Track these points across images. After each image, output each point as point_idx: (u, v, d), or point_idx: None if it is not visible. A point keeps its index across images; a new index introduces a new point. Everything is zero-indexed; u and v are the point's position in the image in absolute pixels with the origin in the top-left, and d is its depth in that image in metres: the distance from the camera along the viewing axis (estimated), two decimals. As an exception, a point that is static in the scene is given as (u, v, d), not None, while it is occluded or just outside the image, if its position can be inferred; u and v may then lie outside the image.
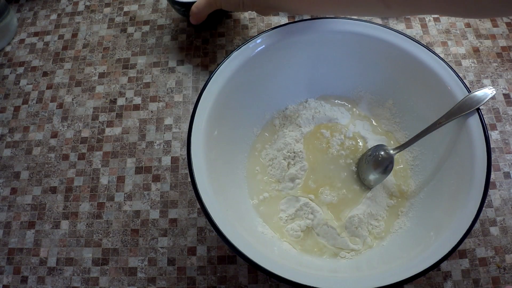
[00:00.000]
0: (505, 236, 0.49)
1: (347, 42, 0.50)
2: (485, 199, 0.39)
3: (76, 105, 0.61)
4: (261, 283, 0.48)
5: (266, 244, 0.45)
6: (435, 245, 0.38)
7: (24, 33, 0.68)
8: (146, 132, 0.58)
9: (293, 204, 0.49)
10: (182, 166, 0.55)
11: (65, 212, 0.54)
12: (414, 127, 0.51)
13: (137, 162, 0.56)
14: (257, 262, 0.37)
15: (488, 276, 0.47)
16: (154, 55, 0.64)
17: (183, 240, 0.51)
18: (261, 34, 0.49)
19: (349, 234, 0.47)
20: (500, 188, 0.52)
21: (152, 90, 0.61)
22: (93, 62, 0.64)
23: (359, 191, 0.49)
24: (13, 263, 0.51)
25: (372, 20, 0.50)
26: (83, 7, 0.70)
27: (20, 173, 0.57)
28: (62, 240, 0.52)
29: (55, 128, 0.59)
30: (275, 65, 0.51)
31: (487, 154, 0.41)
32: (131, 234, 0.52)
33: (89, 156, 0.57)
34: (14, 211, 0.54)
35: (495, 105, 0.57)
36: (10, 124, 0.60)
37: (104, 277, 0.50)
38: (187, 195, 0.53)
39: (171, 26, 0.66)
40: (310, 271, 0.40)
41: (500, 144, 0.55)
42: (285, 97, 0.55)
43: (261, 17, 0.66)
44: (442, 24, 0.64)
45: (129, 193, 0.54)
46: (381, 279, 0.36)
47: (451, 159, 0.45)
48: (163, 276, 0.49)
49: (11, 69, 0.65)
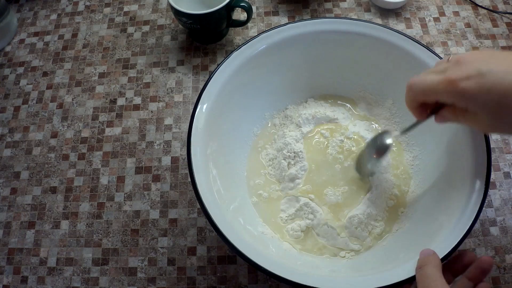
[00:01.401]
0: (505, 236, 0.49)
1: (347, 42, 0.50)
2: (485, 199, 0.39)
3: (76, 105, 0.61)
4: (261, 283, 0.48)
5: (266, 244, 0.45)
6: (435, 245, 0.37)
7: (24, 33, 0.68)
8: (146, 132, 0.58)
9: (293, 204, 0.49)
10: (182, 166, 0.55)
11: (65, 212, 0.54)
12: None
13: (137, 162, 0.56)
14: (257, 262, 0.37)
15: (488, 276, 0.47)
16: (154, 55, 0.64)
17: (183, 240, 0.51)
18: (261, 34, 0.49)
19: (349, 234, 0.47)
20: (500, 188, 0.52)
21: (152, 90, 0.61)
22: (93, 62, 0.64)
23: (359, 191, 0.49)
24: (13, 263, 0.51)
25: (372, 20, 0.50)
26: (83, 7, 0.70)
27: (20, 173, 0.57)
28: (62, 240, 0.52)
29: (55, 128, 0.59)
30: (275, 65, 0.51)
31: (487, 154, 0.41)
32: (131, 234, 0.52)
33: (89, 156, 0.57)
34: (14, 211, 0.54)
35: (495, 105, 0.57)
36: (10, 124, 0.60)
37: (104, 277, 0.50)
38: (187, 195, 0.53)
39: (171, 26, 0.66)
40: (310, 271, 0.40)
41: (500, 144, 0.55)
42: (285, 97, 0.55)
43: (261, 17, 0.66)
44: (442, 24, 0.64)
45: (129, 193, 0.54)
46: (381, 279, 0.36)
47: (451, 159, 0.45)
48: (163, 276, 0.49)
49: (11, 69, 0.65)
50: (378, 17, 0.65)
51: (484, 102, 0.32)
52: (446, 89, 0.34)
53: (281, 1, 0.67)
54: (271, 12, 0.66)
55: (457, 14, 0.65)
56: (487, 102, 0.32)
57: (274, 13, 0.66)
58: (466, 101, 0.33)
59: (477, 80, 0.32)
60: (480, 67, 0.32)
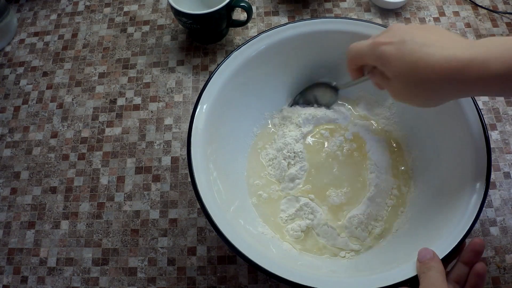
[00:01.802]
0: (505, 236, 0.49)
1: (347, 41, 0.50)
2: (485, 199, 0.39)
3: (76, 105, 0.61)
4: (261, 283, 0.48)
5: (266, 244, 0.45)
6: (435, 245, 0.37)
7: (24, 33, 0.68)
8: (146, 132, 0.58)
9: (293, 204, 0.49)
10: (182, 166, 0.55)
11: (65, 212, 0.54)
12: (413, 126, 0.51)
13: (137, 162, 0.56)
14: (257, 262, 0.37)
15: (488, 276, 0.47)
16: (154, 55, 0.64)
17: (183, 240, 0.51)
18: (261, 34, 0.49)
19: (349, 234, 0.47)
20: (500, 188, 0.52)
21: (152, 90, 0.61)
22: (93, 62, 0.64)
23: (359, 191, 0.49)
24: (13, 263, 0.51)
25: (372, 20, 0.50)
26: (83, 7, 0.70)
27: (20, 173, 0.57)
28: (62, 240, 0.52)
29: (55, 128, 0.59)
30: (275, 65, 0.51)
31: (487, 154, 0.41)
32: (131, 234, 0.52)
33: (89, 156, 0.57)
34: (14, 211, 0.54)
35: (495, 105, 0.57)
36: (10, 124, 0.60)
37: (104, 277, 0.50)
38: (187, 195, 0.53)
39: (171, 26, 0.66)
40: (310, 271, 0.40)
41: (500, 144, 0.55)
42: (285, 97, 0.55)
43: (261, 17, 0.66)
44: (442, 24, 0.64)
45: (129, 193, 0.54)
46: (381, 279, 0.36)
47: (451, 160, 0.45)
48: (163, 276, 0.49)
49: (11, 69, 0.65)
50: (378, 17, 0.65)
51: (397, 67, 0.34)
52: (370, 51, 0.37)
53: (281, 1, 0.67)
54: (271, 12, 0.66)
55: (457, 14, 0.65)
56: (400, 69, 0.34)
57: (274, 13, 0.66)
58: (383, 64, 0.36)
59: (397, 46, 0.34)
60: (404, 36, 0.34)
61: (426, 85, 0.34)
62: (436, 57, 0.33)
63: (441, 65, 0.32)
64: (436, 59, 0.32)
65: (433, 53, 0.33)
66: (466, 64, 0.32)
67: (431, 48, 0.33)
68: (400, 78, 0.35)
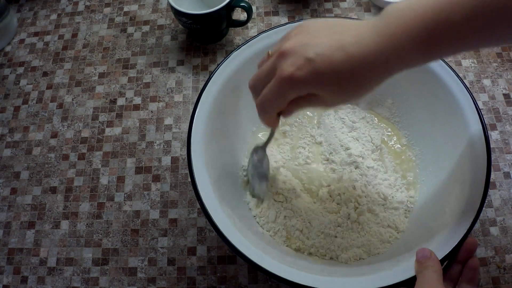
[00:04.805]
0: (505, 236, 0.49)
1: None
2: (485, 199, 0.39)
3: (76, 105, 0.61)
4: (261, 283, 0.48)
5: (266, 244, 0.45)
6: (435, 245, 0.37)
7: (24, 33, 0.68)
8: (146, 132, 0.58)
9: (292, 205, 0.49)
10: (182, 166, 0.55)
11: (65, 212, 0.54)
12: (413, 126, 0.51)
13: (137, 162, 0.56)
14: (257, 262, 0.37)
15: (488, 276, 0.47)
16: (154, 55, 0.64)
17: (183, 240, 0.51)
18: (261, 34, 0.49)
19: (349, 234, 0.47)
20: (500, 188, 0.52)
21: (152, 90, 0.61)
22: (93, 62, 0.64)
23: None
24: (13, 263, 0.51)
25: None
26: (83, 7, 0.70)
27: (20, 173, 0.57)
28: (62, 240, 0.52)
29: (55, 128, 0.59)
30: (275, 65, 0.51)
31: (487, 154, 0.41)
32: (131, 234, 0.52)
33: (89, 156, 0.57)
34: (14, 211, 0.54)
35: (495, 105, 0.57)
36: (10, 124, 0.60)
37: (104, 277, 0.50)
38: (187, 195, 0.53)
39: (171, 26, 0.66)
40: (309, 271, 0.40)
41: (500, 144, 0.55)
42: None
43: (261, 17, 0.66)
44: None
45: (129, 193, 0.54)
46: (381, 279, 0.36)
47: (451, 160, 0.45)
48: (163, 276, 0.49)
49: (11, 69, 0.65)
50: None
51: (324, 83, 0.32)
52: (288, 87, 0.33)
53: (281, 1, 0.67)
54: (271, 12, 0.66)
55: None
56: (327, 83, 0.32)
57: (274, 13, 0.66)
58: (306, 88, 0.33)
59: (308, 67, 0.32)
60: (305, 54, 0.32)
61: (357, 80, 0.32)
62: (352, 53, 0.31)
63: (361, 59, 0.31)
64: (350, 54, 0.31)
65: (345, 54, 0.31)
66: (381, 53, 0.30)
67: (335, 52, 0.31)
68: (330, 90, 0.33)
